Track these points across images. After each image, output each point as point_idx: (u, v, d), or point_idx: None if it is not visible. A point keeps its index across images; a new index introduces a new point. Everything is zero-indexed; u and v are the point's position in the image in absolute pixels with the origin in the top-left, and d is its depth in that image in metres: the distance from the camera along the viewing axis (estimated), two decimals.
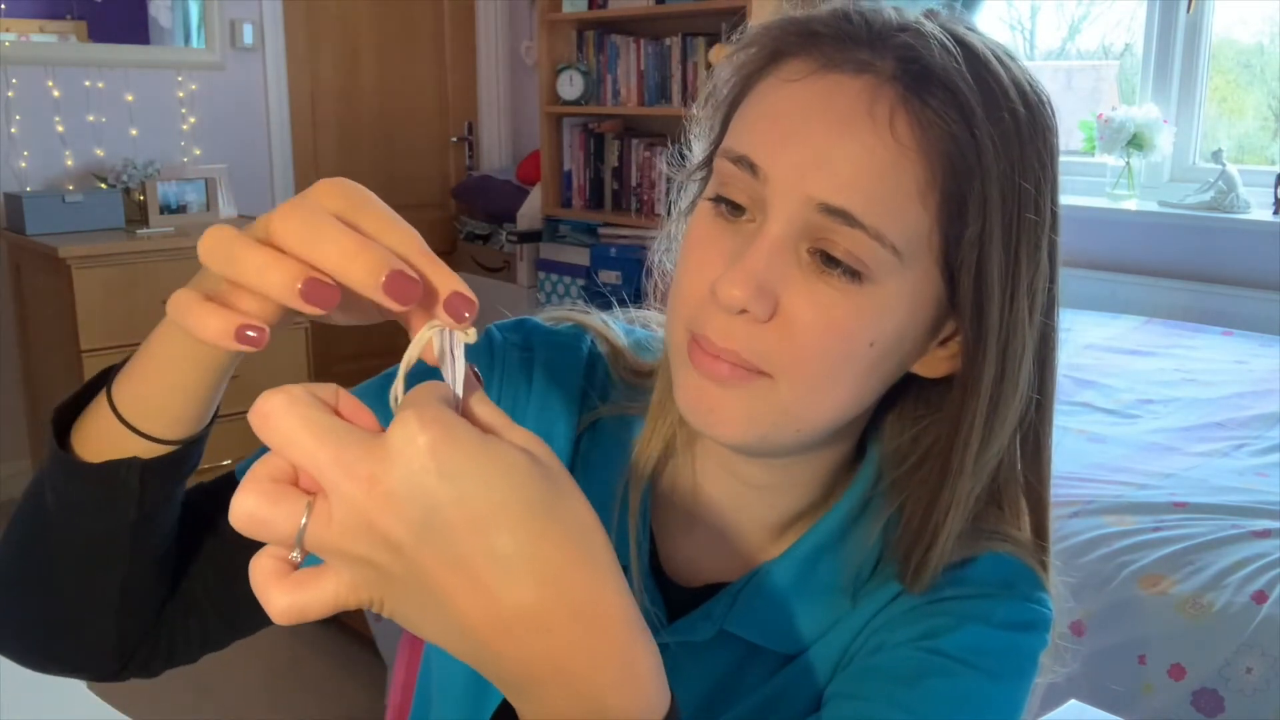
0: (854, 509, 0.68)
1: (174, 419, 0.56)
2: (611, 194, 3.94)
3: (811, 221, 0.57)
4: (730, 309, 0.58)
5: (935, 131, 0.56)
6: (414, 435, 0.37)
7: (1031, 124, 0.59)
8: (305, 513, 0.38)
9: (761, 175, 0.58)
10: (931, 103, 0.56)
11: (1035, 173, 0.59)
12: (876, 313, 0.58)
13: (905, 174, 0.56)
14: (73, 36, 3.46)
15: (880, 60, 0.57)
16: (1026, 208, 0.58)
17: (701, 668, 0.68)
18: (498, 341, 0.74)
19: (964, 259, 0.58)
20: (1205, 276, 3.13)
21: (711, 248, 0.60)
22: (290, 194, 4.00)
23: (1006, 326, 0.60)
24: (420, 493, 0.37)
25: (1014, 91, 0.58)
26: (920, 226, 0.57)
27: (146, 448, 0.56)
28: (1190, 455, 2.04)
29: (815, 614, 0.67)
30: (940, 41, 0.58)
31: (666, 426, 0.69)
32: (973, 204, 0.57)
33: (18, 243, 3.25)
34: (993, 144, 0.57)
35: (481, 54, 4.55)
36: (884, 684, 0.62)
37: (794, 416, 0.60)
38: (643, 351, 0.75)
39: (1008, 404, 0.62)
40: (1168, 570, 1.61)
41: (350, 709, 2.43)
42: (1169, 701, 1.53)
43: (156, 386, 0.55)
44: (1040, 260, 0.61)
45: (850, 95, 0.57)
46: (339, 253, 0.41)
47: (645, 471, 0.69)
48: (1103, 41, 3.91)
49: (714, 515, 0.70)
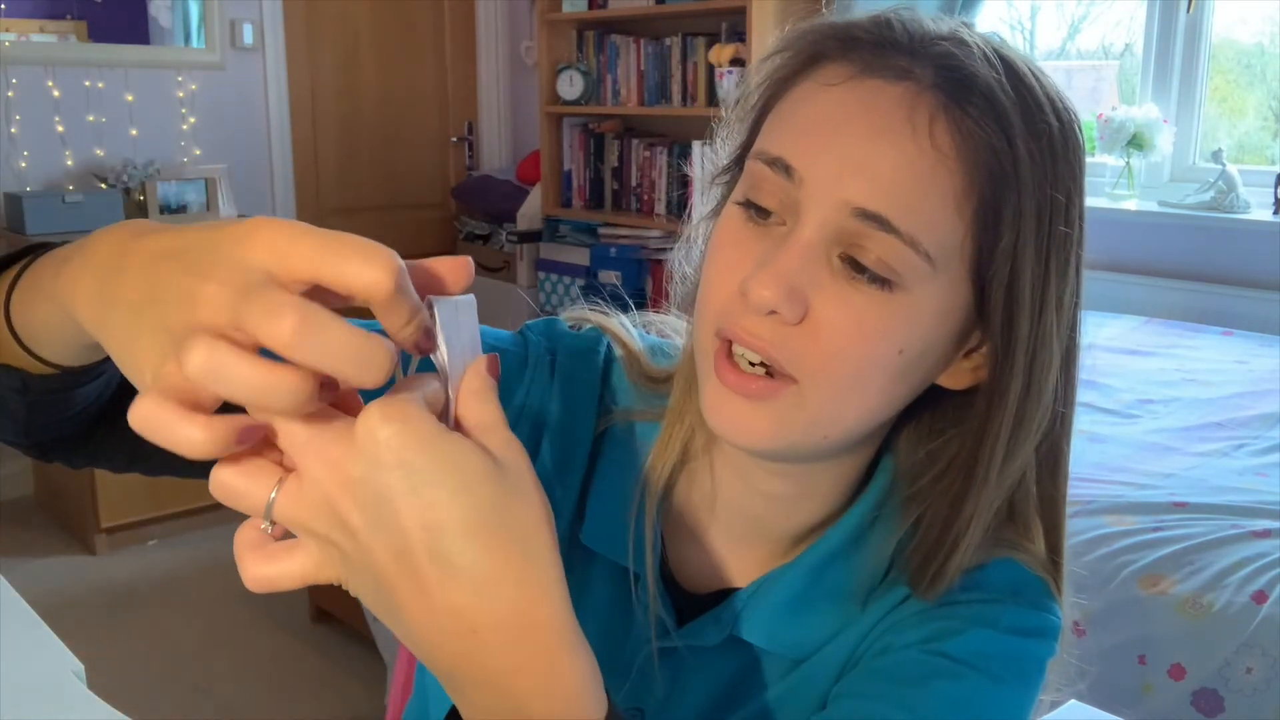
0: (866, 517, 0.68)
1: (64, 357, 0.53)
2: (611, 194, 3.94)
3: (845, 227, 0.57)
4: (760, 309, 0.57)
5: (974, 141, 0.56)
6: (375, 427, 0.39)
7: (1064, 138, 0.59)
8: (276, 487, 0.40)
9: (797, 178, 0.58)
10: (971, 112, 0.56)
11: (1067, 186, 0.59)
12: (906, 320, 0.58)
13: (943, 182, 0.56)
14: (73, 36, 3.46)
15: (920, 68, 0.57)
16: (1059, 220, 0.58)
17: (710, 672, 0.69)
18: (532, 343, 0.73)
19: (996, 270, 0.58)
20: (1205, 276, 3.13)
21: (741, 249, 0.60)
22: (290, 194, 4.00)
23: (1035, 339, 0.60)
24: (376, 483, 0.39)
25: (1049, 106, 0.59)
26: (954, 235, 0.57)
27: (34, 364, 0.54)
28: (1190, 455, 2.04)
29: (824, 620, 0.67)
30: (982, 52, 0.58)
31: (683, 432, 0.69)
32: (1008, 215, 0.57)
33: (18, 243, 3.25)
34: (1030, 156, 0.57)
35: (481, 54, 4.55)
36: (889, 684, 0.62)
37: (821, 424, 0.60)
38: (658, 357, 0.75)
39: (1033, 417, 0.61)
40: (1168, 570, 1.61)
41: (350, 709, 2.43)
42: (1169, 701, 1.53)
43: (44, 333, 0.52)
44: (1069, 274, 0.60)
45: (890, 101, 0.57)
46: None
47: (660, 479, 0.69)
48: (1103, 41, 3.91)
49: (729, 524, 0.70)
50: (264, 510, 0.40)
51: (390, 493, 0.39)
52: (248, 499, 0.41)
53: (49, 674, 0.98)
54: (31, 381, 0.55)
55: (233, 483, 0.40)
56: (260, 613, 2.81)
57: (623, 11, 3.73)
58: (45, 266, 0.51)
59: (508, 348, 0.73)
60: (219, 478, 0.40)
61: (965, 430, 0.63)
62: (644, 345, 0.75)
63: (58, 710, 0.93)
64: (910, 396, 0.63)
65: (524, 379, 0.71)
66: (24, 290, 0.52)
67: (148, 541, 3.22)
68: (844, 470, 0.67)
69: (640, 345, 0.75)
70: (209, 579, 2.99)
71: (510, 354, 0.72)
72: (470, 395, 0.43)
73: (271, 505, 0.40)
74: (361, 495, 0.39)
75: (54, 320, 0.50)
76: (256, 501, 0.40)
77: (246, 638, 2.72)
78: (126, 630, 2.75)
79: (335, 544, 0.41)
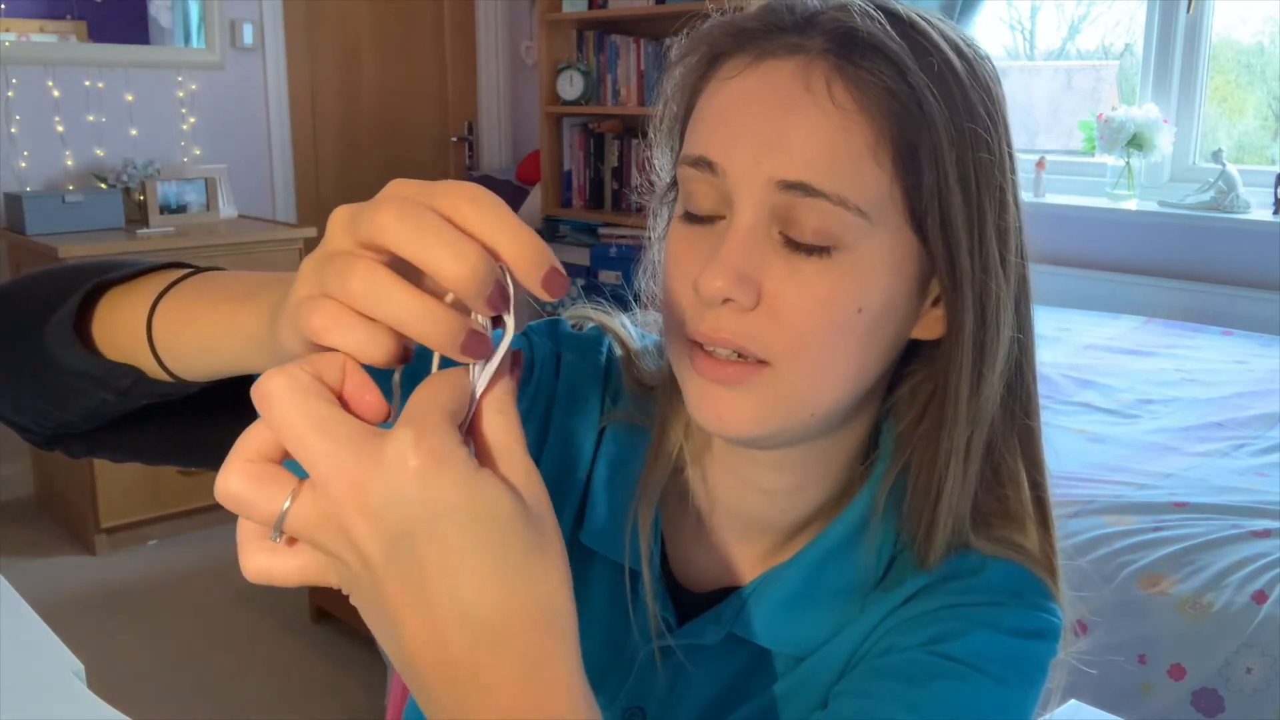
0: (865, 512, 0.68)
1: (199, 373, 0.57)
2: (611, 194, 3.94)
3: (776, 202, 0.58)
4: (714, 301, 0.58)
5: (872, 90, 0.58)
6: (406, 457, 0.37)
7: (970, 73, 0.60)
8: (289, 498, 0.39)
9: (720, 170, 0.60)
10: (863, 64, 0.58)
11: (982, 117, 0.60)
12: (858, 279, 0.59)
13: (853, 137, 0.58)
14: (73, 36, 3.46)
15: (809, 40, 0.59)
16: (979, 148, 0.60)
17: (710, 671, 0.69)
18: (537, 346, 0.74)
19: (927, 207, 0.59)
20: (1205, 276, 3.13)
21: (690, 255, 0.61)
22: (290, 194, 4.00)
23: (980, 269, 0.61)
24: (400, 516, 0.38)
25: (945, 44, 0.60)
26: (880, 185, 0.58)
27: (156, 369, 0.58)
28: (1190, 455, 2.04)
29: (824, 617, 0.67)
30: (862, 9, 0.60)
31: (671, 445, 0.70)
32: (924, 152, 0.58)
33: (18, 243, 3.25)
34: (930, 92, 0.58)
35: (481, 54, 4.55)
36: (891, 684, 0.62)
37: (803, 400, 0.61)
38: (650, 358, 0.75)
39: (992, 348, 0.62)
40: (1168, 570, 1.61)
41: (350, 709, 2.43)
42: (1169, 701, 1.53)
43: (198, 353, 0.56)
44: (1005, 201, 0.62)
45: (786, 76, 0.59)
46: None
47: (655, 489, 0.69)
48: (1103, 42, 3.91)
49: (727, 523, 0.70)
50: (275, 522, 0.39)
51: (413, 528, 0.38)
52: (258, 509, 0.39)
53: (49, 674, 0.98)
54: (140, 385, 0.58)
55: (242, 493, 0.39)
56: (260, 613, 2.81)
57: (623, 11, 3.73)
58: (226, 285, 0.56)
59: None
60: (226, 486, 0.39)
61: (933, 372, 0.64)
62: (644, 345, 0.76)
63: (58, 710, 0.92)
64: (887, 355, 0.63)
65: (530, 383, 0.72)
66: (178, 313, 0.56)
67: (148, 541, 3.22)
68: (838, 451, 0.68)
69: (639, 345, 0.75)
70: (209, 579, 2.99)
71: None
72: (492, 406, 0.42)
73: (284, 517, 0.39)
74: (383, 525, 0.38)
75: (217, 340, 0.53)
76: (266, 512, 0.39)
77: (246, 638, 2.72)
78: (126, 630, 2.75)
79: (346, 564, 0.40)
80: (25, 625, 1.06)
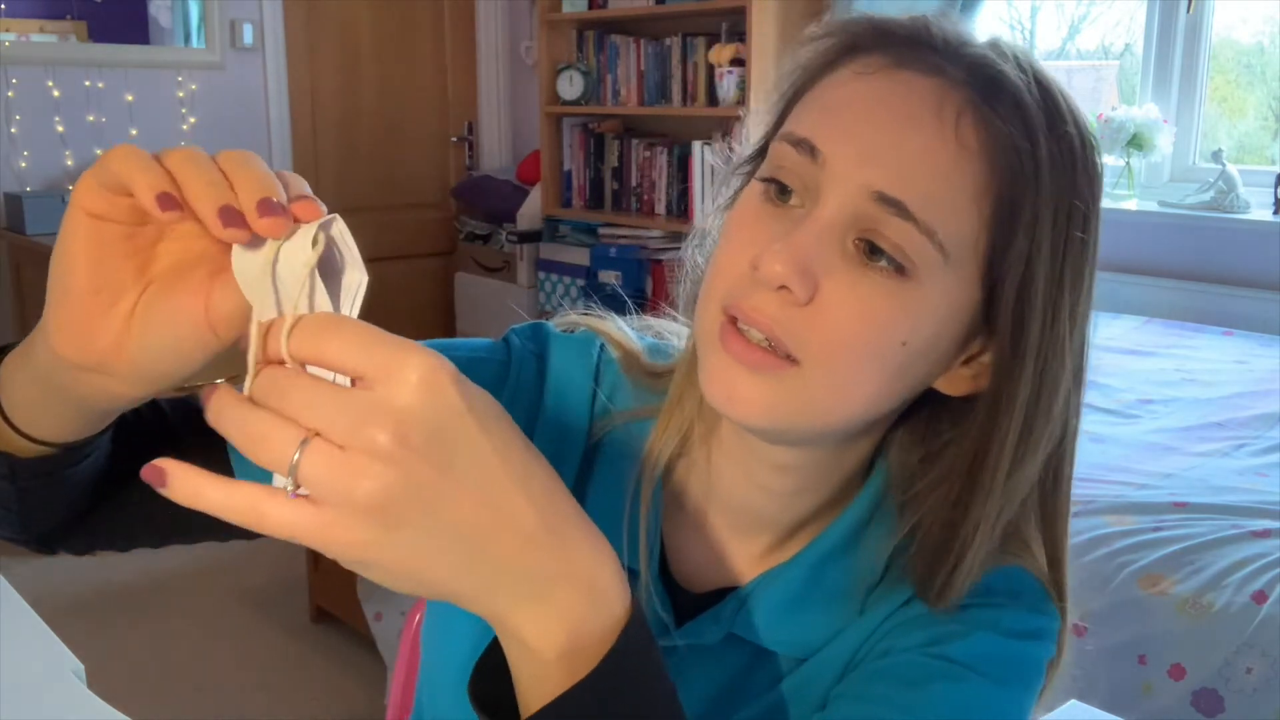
0: (862, 517, 0.68)
1: (55, 434, 0.54)
2: (611, 194, 3.94)
3: (863, 211, 0.57)
4: (770, 284, 0.57)
5: (999, 139, 0.57)
6: (444, 379, 0.40)
7: (1085, 152, 0.60)
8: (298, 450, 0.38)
9: (820, 159, 0.59)
10: (999, 110, 0.57)
11: (1085, 196, 0.59)
12: (914, 313, 0.58)
13: (964, 175, 0.57)
14: (73, 36, 3.46)
15: (953, 68, 0.59)
16: (1076, 226, 0.59)
17: (710, 671, 0.69)
18: (516, 348, 0.73)
19: (1010, 270, 0.58)
20: (1205, 276, 3.13)
21: (757, 227, 0.60)
22: None
23: (1046, 345, 0.60)
24: (455, 428, 0.40)
25: (1071, 119, 0.60)
26: (970, 230, 0.58)
27: (25, 445, 0.54)
28: (1190, 455, 2.04)
29: (823, 619, 0.67)
30: (1015, 60, 0.59)
31: (682, 421, 0.69)
32: (1025, 215, 0.58)
33: (18, 243, 3.26)
34: (1051, 161, 0.58)
35: (481, 54, 4.55)
36: (889, 686, 0.62)
37: (818, 408, 0.60)
38: (656, 356, 0.75)
39: (1041, 426, 0.61)
40: (1168, 570, 1.61)
41: (350, 709, 2.43)
42: (1169, 701, 1.53)
43: (37, 408, 0.53)
44: (1083, 284, 0.61)
45: (920, 93, 0.58)
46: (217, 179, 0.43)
47: (657, 468, 0.69)
48: (1103, 41, 3.91)
49: (726, 517, 0.70)
50: (289, 462, 0.38)
51: (445, 422, 0.40)
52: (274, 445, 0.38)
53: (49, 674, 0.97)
54: (19, 465, 0.55)
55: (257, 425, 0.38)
56: (260, 613, 2.81)
57: (623, 11, 3.73)
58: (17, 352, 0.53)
59: (487, 356, 0.73)
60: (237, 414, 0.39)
61: (966, 437, 0.63)
62: (641, 345, 0.76)
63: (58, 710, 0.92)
64: (908, 394, 0.63)
65: (508, 381, 0.72)
66: (11, 369, 0.53)
67: None
68: (840, 466, 0.67)
69: (637, 344, 0.75)
70: (209, 579, 2.99)
71: (492, 362, 0.73)
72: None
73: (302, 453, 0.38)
74: (439, 442, 0.39)
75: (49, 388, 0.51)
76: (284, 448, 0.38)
77: (246, 638, 2.72)
78: (126, 630, 2.75)
79: (392, 499, 0.38)
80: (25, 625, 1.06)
